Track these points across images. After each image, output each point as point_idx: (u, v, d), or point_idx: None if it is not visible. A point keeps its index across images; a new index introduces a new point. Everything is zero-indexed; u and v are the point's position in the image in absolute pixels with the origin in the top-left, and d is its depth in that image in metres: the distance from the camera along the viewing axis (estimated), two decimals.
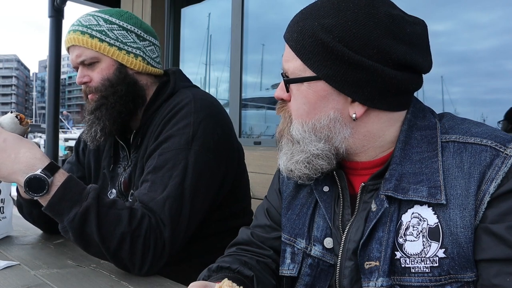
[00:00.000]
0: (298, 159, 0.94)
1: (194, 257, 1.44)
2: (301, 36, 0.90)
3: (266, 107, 4.16)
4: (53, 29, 4.19)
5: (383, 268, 0.86)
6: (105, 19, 1.44)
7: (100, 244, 1.15)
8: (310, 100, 0.92)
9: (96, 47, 1.41)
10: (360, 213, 0.94)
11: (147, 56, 1.50)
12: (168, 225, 1.22)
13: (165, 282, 1.15)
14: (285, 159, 0.97)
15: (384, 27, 0.86)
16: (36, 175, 1.13)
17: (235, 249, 1.16)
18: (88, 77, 1.44)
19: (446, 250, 0.82)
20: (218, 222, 1.49)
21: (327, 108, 0.91)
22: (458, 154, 0.85)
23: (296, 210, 1.07)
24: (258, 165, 2.74)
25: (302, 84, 0.92)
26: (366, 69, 0.85)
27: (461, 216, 0.82)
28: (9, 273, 1.16)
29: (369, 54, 0.85)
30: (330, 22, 0.87)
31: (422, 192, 0.85)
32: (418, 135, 0.91)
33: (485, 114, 2.48)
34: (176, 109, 1.38)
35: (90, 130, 1.43)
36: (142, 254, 1.17)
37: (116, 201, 1.22)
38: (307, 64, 0.90)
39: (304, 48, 0.90)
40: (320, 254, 0.99)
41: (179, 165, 1.29)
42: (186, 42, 4.35)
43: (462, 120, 0.93)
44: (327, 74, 0.88)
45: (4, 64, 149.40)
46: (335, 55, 0.86)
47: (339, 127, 0.92)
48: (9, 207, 1.56)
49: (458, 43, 2.54)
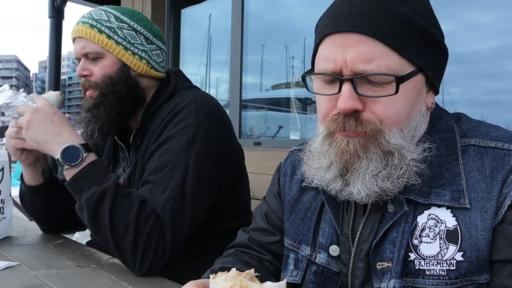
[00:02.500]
0: (401, 172, 0.82)
1: (194, 258, 1.44)
2: (393, 24, 0.78)
3: (266, 108, 4.17)
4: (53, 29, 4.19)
5: (396, 269, 0.84)
6: (117, 17, 1.44)
7: (108, 228, 1.18)
8: (410, 99, 0.82)
9: (103, 42, 1.41)
10: (373, 214, 0.91)
11: (152, 60, 1.49)
12: (170, 226, 1.23)
13: (165, 283, 1.15)
14: (376, 180, 0.82)
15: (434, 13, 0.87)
16: (74, 145, 1.26)
17: (233, 251, 1.14)
18: (89, 71, 1.44)
19: (465, 253, 0.80)
20: (218, 223, 1.49)
21: (420, 104, 0.84)
22: (478, 158, 0.84)
23: (300, 215, 1.03)
24: (258, 166, 2.75)
25: (404, 83, 0.80)
26: (446, 54, 0.85)
27: (482, 219, 0.80)
28: (9, 273, 1.16)
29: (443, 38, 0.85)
30: (415, 8, 0.80)
31: (445, 196, 0.83)
32: (436, 138, 0.89)
33: (485, 115, 2.48)
34: (177, 110, 1.38)
35: (87, 128, 1.42)
36: (143, 250, 1.18)
37: (132, 192, 1.25)
38: (407, 56, 0.79)
39: (401, 38, 0.78)
40: (325, 262, 0.96)
41: (179, 167, 1.29)
42: (186, 43, 4.35)
43: (479, 122, 0.92)
44: (428, 63, 0.81)
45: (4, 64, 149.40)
46: (431, 40, 0.81)
47: (422, 123, 0.87)
48: (9, 208, 1.56)
49: (458, 44, 2.54)
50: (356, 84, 0.81)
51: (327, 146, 0.87)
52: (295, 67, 3.87)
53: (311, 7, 3.59)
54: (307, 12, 3.62)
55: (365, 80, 0.81)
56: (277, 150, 2.94)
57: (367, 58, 0.78)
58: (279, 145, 3.26)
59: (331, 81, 0.85)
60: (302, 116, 4.01)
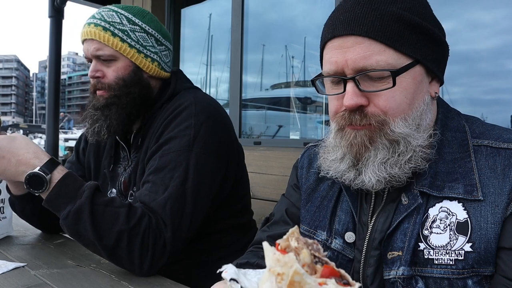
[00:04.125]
0: (407, 158, 0.88)
1: (195, 256, 1.45)
2: (384, 23, 0.85)
3: (266, 107, 4.17)
4: (53, 29, 4.19)
5: (405, 257, 0.87)
6: (129, 19, 1.43)
7: (96, 242, 1.15)
8: (410, 90, 0.88)
9: (117, 46, 1.41)
10: (388, 205, 0.94)
11: (162, 61, 1.50)
12: (169, 225, 1.22)
13: (165, 282, 1.15)
14: (385, 167, 0.88)
15: (430, 7, 0.93)
16: (34, 173, 1.17)
17: (252, 249, 1.18)
18: (102, 73, 1.43)
19: (473, 244, 0.83)
20: (219, 221, 1.49)
21: (422, 93, 0.91)
22: (491, 157, 0.88)
23: (316, 203, 1.07)
24: (258, 165, 2.74)
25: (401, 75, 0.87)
26: (443, 43, 0.91)
27: (492, 213, 0.83)
28: (9, 273, 1.16)
29: (439, 29, 0.91)
30: (406, 5, 0.87)
31: (458, 189, 0.87)
32: (449, 136, 0.94)
33: (485, 114, 2.48)
34: (177, 111, 1.39)
35: (94, 125, 1.42)
36: (140, 253, 1.17)
37: (114, 199, 1.22)
38: (402, 50, 0.86)
39: (394, 34, 0.85)
40: (340, 248, 0.99)
41: (180, 167, 1.29)
42: (186, 42, 4.35)
43: (492, 126, 0.96)
44: (424, 55, 0.88)
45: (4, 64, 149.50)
46: (425, 33, 0.87)
47: (427, 111, 0.92)
48: (9, 207, 1.56)
49: (459, 43, 2.54)
50: (358, 82, 0.88)
51: (339, 140, 0.94)
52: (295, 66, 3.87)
53: (311, 7, 3.59)
54: (307, 12, 3.62)
55: (366, 77, 0.88)
56: (277, 149, 2.94)
57: (365, 56, 0.86)
58: (279, 144, 3.25)
59: (337, 82, 0.92)
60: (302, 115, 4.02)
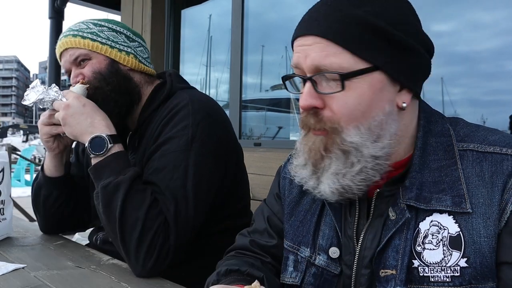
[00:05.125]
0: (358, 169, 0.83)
1: (194, 258, 1.44)
2: (344, 26, 0.81)
3: (266, 108, 4.17)
4: (53, 30, 4.20)
5: (400, 276, 0.83)
6: (95, 23, 1.49)
7: (117, 220, 1.20)
8: (365, 96, 0.82)
9: (89, 45, 1.44)
10: (376, 220, 0.90)
11: (138, 55, 1.53)
12: (173, 227, 1.23)
13: (165, 284, 1.15)
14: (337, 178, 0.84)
15: (412, 12, 0.88)
16: (101, 136, 1.30)
17: (234, 253, 1.14)
18: (82, 75, 1.46)
19: (468, 259, 0.80)
20: (218, 222, 1.49)
21: (383, 102, 0.84)
22: (478, 163, 0.84)
23: (299, 217, 1.03)
24: (258, 167, 2.74)
25: (351, 80, 0.81)
26: (415, 52, 0.84)
27: (484, 226, 0.80)
28: (9, 274, 1.16)
29: (414, 37, 0.84)
30: (375, 9, 0.82)
31: (446, 201, 0.83)
32: (433, 142, 0.89)
33: (485, 116, 2.47)
34: (174, 112, 1.39)
35: None
36: (147, 249, 1.19)
37: (147, 188, 1.26)
38: (359, 55, 0.81)
39: (353, 37, 0.81)
40: (325, 264, 0.96)
41: (179, 167, 1.29)
42: (186, 43, 4.35)
43: (477, 126, 0.92)
44: (385, 61, 0.82)
45: (4, 65, 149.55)
46: (390, 40, 0.82)
47: (391, 122, 0.85)
48: (9, 209, 1.56)
49: (459, 44, 2.53)
50: (315, 83, 0.84)
51: (303, 144, 0.89)
52: None
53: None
54: None
55: (324, 78, 0.84)
56: (277, 151, 2.94)
57: (321, 56, 0.82)
58: (279, 145, 3.25)
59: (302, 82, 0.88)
60: None
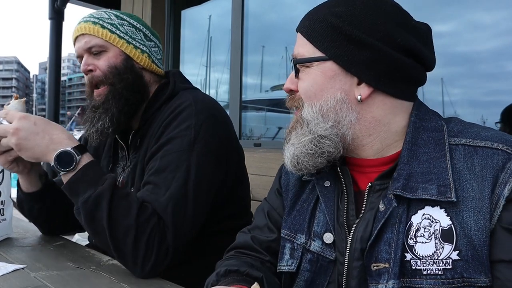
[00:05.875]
0: (305, 140, 0.95)
1: (194, 258, 1.44)
2: (312, 22, 0.96)
3: (266, 109, 4.17)
4: (53, 31, 4.20)
5: (394, 270, 0.84)
6: (116, 15, 1.50)
7: (107, 232, 1.17)
8: (317, 81, 0.95)
9: (107, 36, 1.44)
10: (367, 213, 0.93)
11: (153, 55, 1.53)
12: (171, 227, 1.22)
13: (165, 284, 1.15)
14: (293, 148, 0.97)
15: (391, 16, 0.92)
16: (67, 151, 1.22)
17: (234, 253, 1.14)
18: (94, 66, 1.45)
19: (460, 252, 0.81)
20: (218, 223, 1.49)
21: (334, 89, 0.94)
22: (469, 157, 0.86)
23: (297, 207, 1.07)
24: (258, 167, 2.74)
25: (310, 67, 0.96)
26: (373, 48, 0.90)
27: (475, 219, 0.81)
28: (9, 275, 1.16)
29: (376, 36, 0.90)
30: (340, 10, 0.94)
31: (432, 190, 0.85)
32: (425, 136, 0.92)
33: (485, 116, 2.48)
34: (177, 112, 1.39)
35: (97, 124, 1.41)
36: (145, 252, 1.17)
37: (130, 193, 1.24)
38: (316, 46, 0.95)
39: (315, 31, 0.95)
40: (320, 250, 0.98)
41: (181, 167, 1.29)
42: (186, 44, 4.35)
43: (471, 124, 0.94)
44: (335, 53, 0.92)
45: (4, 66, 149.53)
46: (343, 35, 0.91)
47: (346, 110, 0.94)
48: (9, 209, 1.56)
49: (460, 44, 2.53)
50: (297, 70, 0.99)
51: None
52: None
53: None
54: None
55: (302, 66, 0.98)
56: (277, 151, 2.92)
57: (296, 47, 0.99)
58: (279, 146, 3.24)
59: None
60: None
